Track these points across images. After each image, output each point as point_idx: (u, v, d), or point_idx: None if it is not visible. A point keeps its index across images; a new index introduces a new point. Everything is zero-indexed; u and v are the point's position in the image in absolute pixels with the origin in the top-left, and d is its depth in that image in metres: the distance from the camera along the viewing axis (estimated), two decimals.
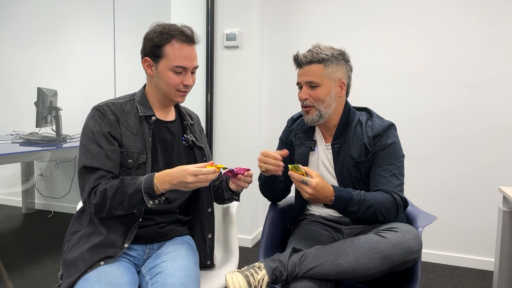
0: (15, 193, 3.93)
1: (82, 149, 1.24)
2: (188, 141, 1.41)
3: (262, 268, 1.25)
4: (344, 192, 1.34)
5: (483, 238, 2.65)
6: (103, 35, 3.52)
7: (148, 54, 1.30)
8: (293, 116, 1.67)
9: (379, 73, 2.80)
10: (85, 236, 1.24)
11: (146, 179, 1.17)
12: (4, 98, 3.96)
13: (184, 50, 1.28)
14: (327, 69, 1.42)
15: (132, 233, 1.24)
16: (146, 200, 1.16)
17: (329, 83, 1.43)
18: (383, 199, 1.37)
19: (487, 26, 2.57)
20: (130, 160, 1.25)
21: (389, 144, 1.44)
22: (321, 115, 1.45)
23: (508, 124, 2.57)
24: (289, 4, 3.00)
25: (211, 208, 1.44)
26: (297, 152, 1.57)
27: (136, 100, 1.34)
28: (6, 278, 2.18)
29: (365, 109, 1.57)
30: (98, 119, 1.25)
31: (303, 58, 1.43)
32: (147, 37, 1.30)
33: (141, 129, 1.29)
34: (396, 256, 1.23)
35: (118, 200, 1.16)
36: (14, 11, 3.86)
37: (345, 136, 1.49)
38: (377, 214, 1.35)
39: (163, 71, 1.28)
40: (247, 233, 3.02)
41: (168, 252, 1.28)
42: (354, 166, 1.46)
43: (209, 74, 2.97)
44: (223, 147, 3.03)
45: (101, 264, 1.16)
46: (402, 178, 1.44)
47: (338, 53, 1.45)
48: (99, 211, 1.19)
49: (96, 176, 1.20)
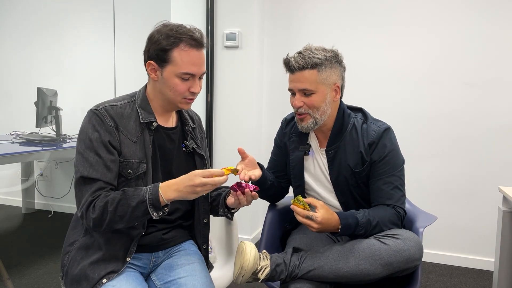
0: (15, 193, 3.92)
1: (79, 157, 1.16)
2: (188, 148, 1.33)
3: (269, 258, 1.25)
4: (350, 218, 1.29)
5: (483, 238, 2.65)
6: (103, 35, 3.52)
7: (152, 58, 1.19)
8: (286, 117, 1.60)
9: (379, 73, 2.80)
10: (84, 248, 1.20)
11: (151, 189, 1.11)
12: (4, 98, 3.96)
13: (193, 56, 1.18)
14: (321, 75, 1.34)
15: (134, 246, 1.20)
16: (151, 211, 1.10)
17: (323, 89, 1.35)
18: (387, 214, 1.34)
19: (489, 26, 2.57)
20: (130, 171, 1.18)
21: (386, 154, 1.37)
22: (316, 122, 1.39)
23: (508, 124, 2.57)
24: (289, 4, 3.00)
25: (207, 219, 1.38)
26: (292, 156, 1.52)
27: (136, 102, 1.25)
28: (6, 278, 2.18)
29: (360, 110, 1.49)
30: (96, 126, 1.16)
31: (295, 63, 1.34)
32: (152, 39, 1.20)
33: (142, 137, 1.21)
34: (396, 263, 1.22)
35: (119, 213, 1.10)
36: (14, 10, 3.86)
37: (339, 142, 1.42)
38: (383, 229, 1.32)
39: (169, 77, 1.19)
40: (247, 233, 3.02)
41: (183, 265, 1.25)
42: (351, 175, 1.41)
43: (209, 74, 2.97)
44: (223, 147, 3.02)
45: (104, 282, 1.13)
46: (404, 188, 1.40)
47: (331, 55, 1.36)
48: (98, 225, 1.12)
49: (95, 188, 1.13)
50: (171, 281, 1.21)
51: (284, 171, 1.59)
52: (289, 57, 1.38)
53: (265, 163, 1.58)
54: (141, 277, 1.23)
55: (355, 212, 1.33)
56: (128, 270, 1.20)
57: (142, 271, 1.27)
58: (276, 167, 1.61)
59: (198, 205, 1.36)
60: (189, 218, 1.38)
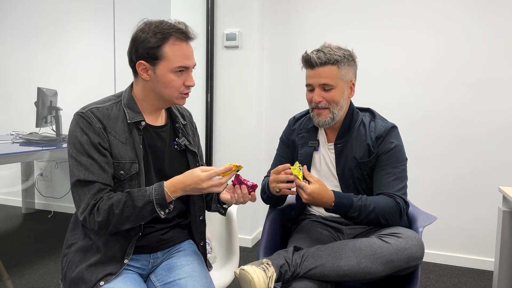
0: (15, 193, 3.92)
1: (72, 161, 1.15)
2: (180, 145, 1.32)
3: (271, 264, 1.25)
4: (345, 198, 1.33)
5: (483, 238, 2.65)
6: (103, 35, 3.52)
7: (143, 57, 1.17)
8: (295, 116, 1.65)
9: (379, 73, 2.80)
10: (82, 251, 1.19)
11: (156, 189, 1.12)
12: (4, 98, 3.96)
13: (184, 49, 1.19)
14: (341, 71, 1.40)
15: (131, 248, 1.20)
16: (158, 210, 1.12)
17: (342, 85, 1.42)
18: (385, 203, 1.36)
19: (491, 27, 2.56)
20: (122, 172, 1.17)
21: (392, 147, 1.43)
22: (333, 118, 1.44)
23: (508, 124, 2.57)
24: (289, 4, 3.00)
25: (203, 216, 1.38)
26: (301, 151, 1.56)
27: (123, 103, 1.23)
28: (6, 278, 2.18)
29: (368, 110, 1.56)
30: (84, 128, 1.15)
31: (317, 59, 1.38)
32: (138, 38, 1.18)
33: (130, 137, 1.20)
34: (398, 262, 1.23)
35: (126, 214, 1.11)
36: (14, 10, 3.86)
37: (348, 136, 1.48)
38: (379, 219, 1.35)
39: (163, 74, 1.18)
40: (247, 233, 3.02)
41: (182, 266, 1.25)
42: (357, 167, 1.45)
43: (209, 74, 2.97)
44: (223, 147, 3.02)
45: (101, 285, 1.12)
46: (406, 181, 1.43)
47: (348, 53, 1.44)
48: (104, 228, 1.12)
49: (94, 191, 1.12)
50: (171, 282, 1.21)
51: None
52: (308, 53, 1.42)
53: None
54: (139, 278, 1.23)
55: (353, 195, 1.37)
56: (126, 272, 1.19)
57: (141, 272, 1.26)
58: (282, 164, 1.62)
59: (194, 203, 1.36)
60: (186, 216, 1.39)
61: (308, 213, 1.62)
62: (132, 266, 1.23)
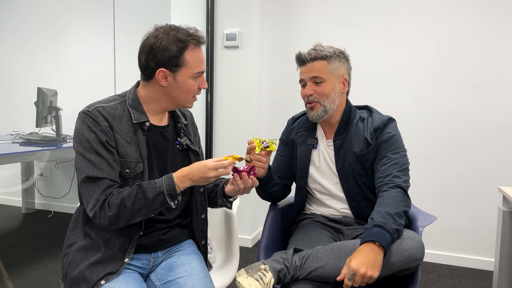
0: (15, 193, 3.93)
1: (80, 158, 1.16)
2: (182, 145, 1.34)
3: (268, 270, 1.24)
4: (379, 233, 1.21)
5: (483, 238, 2.65)
6: (103, 35, 3.52)
7: (164, 65, 1.19)
8: (294, 116, 1.67)
9: (379, 73, 2.80)
10: (82, 250, 1.20)
11: (166, 180, 1.15)
12: (4, 98, 3.96)
13: (200, 54, 1.24)
14: (331, 65, 1.45)
15: (132, 247, 1.20)
16: (169, 201, 1.15)
17: (333, 79, 1.46)
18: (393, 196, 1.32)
19: (490, 27, 2.57)
20: (128, 170, 1.19)
21: (391, 136, 1.45)
22: (326, 111, 1.47)
23: (508, 124, 2.57)
24: (289, 4, 3.00)
25: (205, 215, 1.39)
26: (299, 149, 1.57)
27: (128, 103, 1.25)
28: (6, 278, 2.18)
29: (366, 107, 1.59)
30: (91, 126, 1.16)
31: (308, 55, 1.46)
32: (158, 47, 1.18)
33: (135, 137, 1.22)
34: (398, 263, 1.23)
35: (137, 207, 1.13)
36: (14, 10, 3.86)
37: (346, 132, 1.50)
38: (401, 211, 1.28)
39: (183, 80, 1.22)
40: (247, 233, 3.02)
41: (182, 265, 1.25)
42: (356, 161, 1.47)
43: (209, 74, 2.97)
44: (223, 147, 3.02)
45: (102, 284, 1.13)
46: (407, 165, 1.43)
47: (339, 51, 1.49)
48: (115, 222, 1.13)
49: (104, 187, 1.13)
50: (171, 281, 1.22)
51: (289, 167, 1.62)
52: (300, 52, 1.49)
53: None
54: (140, 277, 1.23)
55: (373, 225, 1.24)
56: (126, 271, 1.20)
57: (142, 271, 1.27)
58: (281, 164, 1.64)
59: (195, 201, 1.37)
60: (187, 215, 1.39)
61: (309, 213, 1.62)
62: (132, 265, 1.24)
